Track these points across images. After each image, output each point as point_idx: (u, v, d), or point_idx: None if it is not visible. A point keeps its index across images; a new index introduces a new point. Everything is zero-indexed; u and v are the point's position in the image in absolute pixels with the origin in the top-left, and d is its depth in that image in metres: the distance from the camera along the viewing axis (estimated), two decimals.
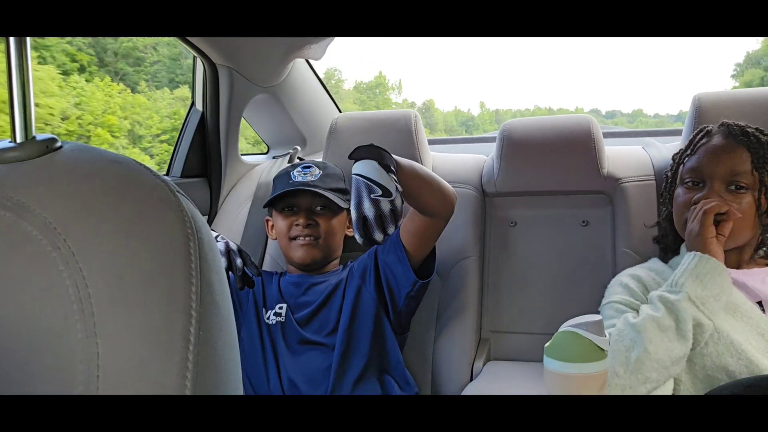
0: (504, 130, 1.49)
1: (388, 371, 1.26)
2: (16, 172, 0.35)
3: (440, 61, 58.79)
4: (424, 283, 1.27)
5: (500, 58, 73.63)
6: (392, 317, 1.29)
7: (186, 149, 1.61)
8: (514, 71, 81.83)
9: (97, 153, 0.38)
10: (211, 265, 0.36)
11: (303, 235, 1.31)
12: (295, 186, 1.31)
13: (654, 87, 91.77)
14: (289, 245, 1.33)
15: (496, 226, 1.55)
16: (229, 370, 0.37)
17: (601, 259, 1.45)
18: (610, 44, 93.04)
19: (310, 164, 1.37)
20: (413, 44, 65.55)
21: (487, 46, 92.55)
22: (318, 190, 1.30)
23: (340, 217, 1.36)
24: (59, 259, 0.32)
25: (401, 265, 1.25)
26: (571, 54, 59.97)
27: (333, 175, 1.37)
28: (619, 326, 1.02)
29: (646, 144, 1.57)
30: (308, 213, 1.32)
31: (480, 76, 48.66)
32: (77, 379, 0.31)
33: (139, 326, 0.32)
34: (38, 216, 0.33)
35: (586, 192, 1.49)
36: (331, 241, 1.35)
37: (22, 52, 0.40)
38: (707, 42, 46.87)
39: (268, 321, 1.28)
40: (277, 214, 1.36)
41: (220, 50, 1.50)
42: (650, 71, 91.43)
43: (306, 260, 1.31)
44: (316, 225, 1.32)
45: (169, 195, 0.37)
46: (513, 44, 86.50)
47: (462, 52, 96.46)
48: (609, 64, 51.86)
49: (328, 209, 1.34)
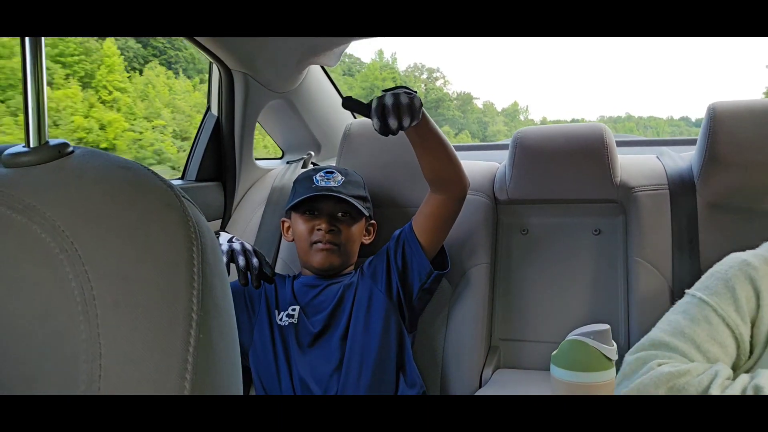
0: (517, 138, 1.49)
1: (399, 369, 1.27)
2: (29, 176, 0.37)
3: (477, 59, 57.71)
4: (439, 274, 1.29)
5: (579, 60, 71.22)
6: (406, 314, 1.30)
7: (201, 153, 1.63)
8: (593, 71, 78.89)
9: (107, 159, 0.39)
10: (213, 269, 0.37)
11: (324, 240, 1.32)
12: (319, 191, 1.32)
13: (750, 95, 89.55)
14: (308, 249, 1.34)
15: (508, 234, 1.55)
16: (229, 372, 0.37)
17: (613, 268, 1.45)
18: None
19: (332, 169, 1.38)
20: (444, 44, 64.18)
21: (532, 47, 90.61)
22: (342, 196, 1.31)
23: (359, 224, 1.38)
24: (66, 261, 0.33)
25: (416, 257, 1.27)
26: (657, 59, 58.38)
27: (355, 182, 1.38)
28: (686, 379, 0.86)
29: (660, 153, 1.56)
30: (330, 219, 1.33)
31: (523, 79, 47.11)
32: (80, 378, 0.32)
33: (141, 328, 0.33)
34: (48, 219, 0.34)
35: (598, 200, 1.48)
36: (350, 247, 1.36)
37: (37, 57, 0.42)
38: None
39: (281, 322, 1.30)
40: (297, 217, 1.37)
41: (236, 56, 1.51)
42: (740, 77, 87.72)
43: (324, 265, 1.33)
44: (338, 231, 1.33)
45: (175, 200, 0.37)
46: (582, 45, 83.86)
47: (501, 51, 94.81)
48: (698, 69, 50.04)
49: (350, 216, 1.35)
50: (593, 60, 54.68)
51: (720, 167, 1.33)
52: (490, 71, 37.97)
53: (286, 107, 1.80)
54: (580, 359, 0.85)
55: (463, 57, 36.54)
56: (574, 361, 0.86)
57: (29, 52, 0.41)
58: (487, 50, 42.71)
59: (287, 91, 1.74)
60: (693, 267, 1.32)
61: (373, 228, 1.44)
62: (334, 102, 1.96)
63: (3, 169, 0.37)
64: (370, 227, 1.43)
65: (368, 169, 1.51)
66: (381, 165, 1.55)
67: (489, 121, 33.54)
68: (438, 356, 1.41)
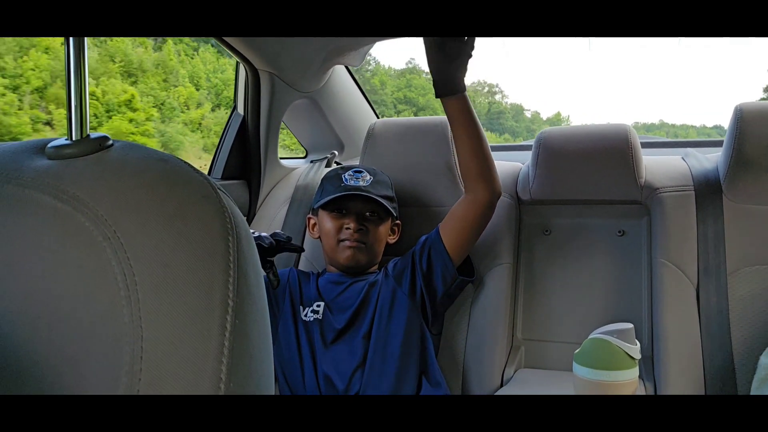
0: (540, 138, 1.49)
1: (422, 370, 1.28)
2: (72, 168, 0.38)
3: (527, 73, 58.41)
4: (463, 280, 1.32)
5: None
6: (429, 317, 1.31)
7: (227, 152, 1.65)
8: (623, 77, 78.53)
9: (145, 151, 0.41)
10: (248, 259, 0.38)
11: (352, 239, 1.33)
12: (348, 190, 1.34)
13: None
14: (335, 247, 1.36)
15: (531, 234, 1.54)
16: (262, 358, 0.39)
17: (637, 269, 1.44)
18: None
19: (361, 169, 1.40)
20: (501, 60, 66.22)
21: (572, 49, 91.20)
22: (371, 195, 1.33)
23: (386, 224, 1.39)
24: (109, 249, 0.35)
25: (441, 261, 1.29)
26: (692, 66, 57.55)
27: (383, 182, 1.40)
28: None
29: (686, 154, 1.55)
30: (359, 218, 1.35)
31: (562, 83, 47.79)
32: (123, 359, 0.33)
33: (180, 312, 0.34)
34: (91, 209, 0.36)
35: (622, 201, 1.47)
36: (377, 247, 1.38)
37: (80, 54, 0.43)
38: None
39: (305, 318, 1.31)
40: (325, 215, 1.38)
41: (263, 56, 1.54)
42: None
43: (351, 262, 1.34)
44: (366, 231, 1.35)
45: (211, 192, 0.39)
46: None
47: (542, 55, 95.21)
48: (734, 77, 49.13)
49: (377, 216, 1.37)
50: (629, 68, 54.46)
51: (746, 168, 1.32)
52: (538, 84, 39.29)
53: (311, 107, 1.82)
54: (603, 358, 0.86)
55: (515, 71, 38.07)
56: (597, 359, 0.86)
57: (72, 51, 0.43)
58: (535, 64, 43.60)
59: (312, 91, 1.75)
60: (719, 269, 1.31)
61: (398, 228, 1.45)
62: (357, 102, 1.97)
63: (48, 161, 0.39)
64: (395, 227, 1.44)
65: (391, 169, 1.52)
66: (404, 164, 1.56)
67: (536, 129, 35.56)
68: (459, 355, 1.41)
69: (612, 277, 1.45)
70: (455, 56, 1.23)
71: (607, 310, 1.42)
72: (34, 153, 0.40)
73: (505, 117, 36.42)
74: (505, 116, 36.34)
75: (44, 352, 0.34)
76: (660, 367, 1.29)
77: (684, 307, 1.30)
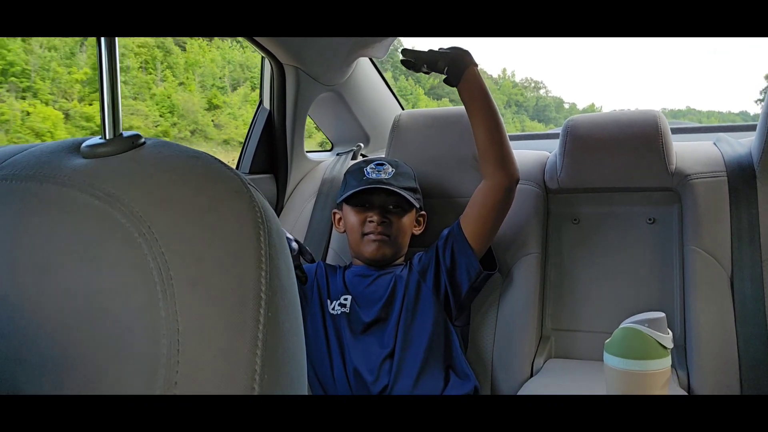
0: (568, 126, 1.48)
1: (448, 364, 1.28)
2: (107, 166, 0.39)
3: (566, 69, 59.19)
4: (488, 274, 1.31)
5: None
6: (453, 311, 1.31)
7: (254, 146, 1.67)
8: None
9: (177, 149, 0.42)
10: (279, 253, 0.39)
11: (376, 232, 1.34)
12: (370, 184, 1.34)
13: None
14: (360, 240, 1.36)
15: (559, 223, 1.53)
16: (294, 350, 0.39)
17: (668, 257, 1.42)
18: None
19: (383, 161, 1.40)
20: (544, 58, 67.21)
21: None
22: (393, 188, 1.33)
23: (410, 215, 1.40)
24: (144, 244, 0.36)
25: (464, 256, 1.28)
26: (722, 53, 55.91)
27: (405, 174, 1.40)
28: None
29: (718, 139, 1.52)
30: (382, 211, 1.35)
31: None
32: (161, 352, 0.34)
33: (215, 306, 0.35)
34: (126, 205, 0.36)
35: (652, 189, 1.45)
36: (401, 239, 1.38)
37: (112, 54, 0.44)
38: None
39: (333, 312, 1.32)
40: (349, 209, 1.39)
41: (287, 50, 1.54)
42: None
43: (376, 256, 1.35)
44: (390, 223, 1.35)
45: (242, 188, 0.40)
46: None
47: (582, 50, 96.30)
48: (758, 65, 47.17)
49: (401, 208, 1.37)
50: (657, 55, 53.80)
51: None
52: (574, 77, 40.94)
53: (336, 100, 1.82)
54: (635, 347, 0.85)
55: (556, 67, 40.49)
56: (628, 348, 0.85)
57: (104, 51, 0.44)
58: (572, 58, 45.15)
59: (337, 84, 1.76)
60: (753, 256, 1.28)
61: (423, 219, 1.45)
62: (382, 94, 1.97)
63: (83, 160, 0.40)
64: (420, 218, 1.44)
65: (417, 160, 1.52)
66: (430, 156, 1.55)
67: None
68: (488, 346, 1.41)
69: (643, 266, 1.43)
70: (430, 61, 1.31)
71: (638, 300, 1.41)
72: (70, 152, 0.41)
73: (549, 109, 39.78)
74: (549, 108, 39.91)
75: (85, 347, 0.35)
76: (693, 356, 1.27)
77: (717, 295, 1.28)
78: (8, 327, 0.36)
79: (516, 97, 37.74)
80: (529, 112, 38.03)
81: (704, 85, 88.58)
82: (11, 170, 0.39)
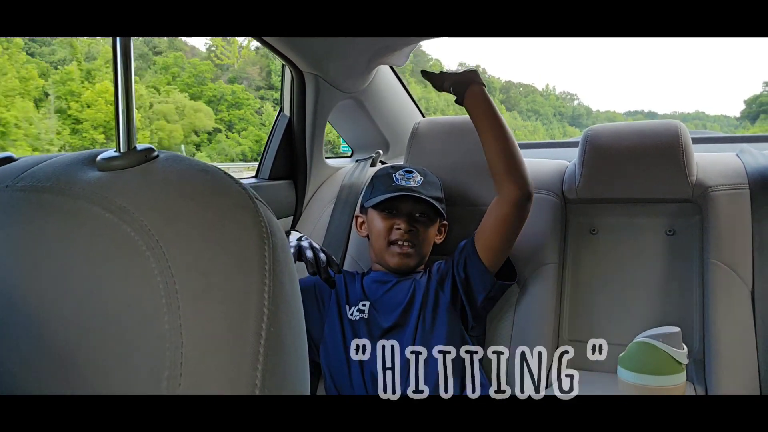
0: (587, 135, 1.47)
1: (462, 374, 1.28)
2: (119, 179, 0.40)
3: (591, 79, 62.11)
4: (503, 284, 1.31)
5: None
6: (470, 320, 1.31)
7: (274, 153, 1.69)
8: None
9: (188, 162, 0.43)
10: (283, 267, 0.40)
11: (403, 240, 1.34)
12: (400, 190, 1.34)
13: None
14: (386, 248, 1.37)
15: (577, 234, 1.52)
16: (296, 364, 0.40)
17: (687, 270, 1.40)
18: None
19: (411, 169, 1.41)
20: (578, 70, 70.18)
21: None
22: (422, 196, 1.34)
23: (435, 225, 1.40)
24: (152, 258, 0.37)
25: (476, 271, 1.28)
26: (731, 58, 56.66)
27: (433, 183, 1.40)
28: None
29: (741, 150, 1.50)
30: (410, 219, 1.35)
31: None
32: (164, 364, 0.35)
33: (218, 320, 0.36)
34: (137, 220, 0.37)
35: (672, 200, 1.43)
36: (425, 248, 1.39)
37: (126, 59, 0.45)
38: None
39: (351, 317, 1.33)
40: (375, 214, 1.39)
41: (307, 58, 1.56)
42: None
43: (401, 267, 1.36)
44: (416, 232, 1.35)
45: (249, 202, 0.40)
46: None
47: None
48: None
49: (428, 217, 1.38)
50: (669, 60, 54.52)
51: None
52: (598, 85, 42.91)
53: (356, 107, 1.83)
54: (649, 362, 0.84)
55: (585, 79, 43.43)
56: (642, 363, 0.85)
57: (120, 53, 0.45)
58: (594, 67, 47.45)
59: (357, 91, 1.77)
60: None
61: (445, 228, 1.45)
62: (402, 101, 1.98)
63: (98, 173, 0.41)
64: (441, 227, 1.44)
65: (436, 168, 1.52)
66: (449, 164, 1.55)
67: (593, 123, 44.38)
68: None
69: (661, 278, 1.42)
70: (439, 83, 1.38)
71: (656, 312, 1.39)
72: (85, 164, 0.42)
73: (582, 117, 45.15)
74: (582, 117, 45.39)
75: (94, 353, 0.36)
76: (712, 371, 1.25)
77: (738, 310, 1.26)
78: (20, 332, 0.38)
79: (559, 108, 44.78)
80: (568, 119, 44.35)
81: (713, 89, 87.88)
82: (30, 181, 0.41)
